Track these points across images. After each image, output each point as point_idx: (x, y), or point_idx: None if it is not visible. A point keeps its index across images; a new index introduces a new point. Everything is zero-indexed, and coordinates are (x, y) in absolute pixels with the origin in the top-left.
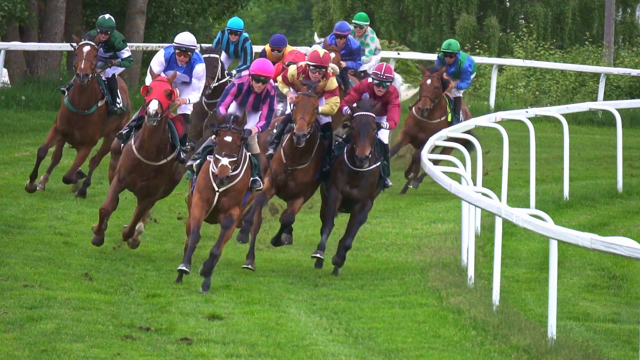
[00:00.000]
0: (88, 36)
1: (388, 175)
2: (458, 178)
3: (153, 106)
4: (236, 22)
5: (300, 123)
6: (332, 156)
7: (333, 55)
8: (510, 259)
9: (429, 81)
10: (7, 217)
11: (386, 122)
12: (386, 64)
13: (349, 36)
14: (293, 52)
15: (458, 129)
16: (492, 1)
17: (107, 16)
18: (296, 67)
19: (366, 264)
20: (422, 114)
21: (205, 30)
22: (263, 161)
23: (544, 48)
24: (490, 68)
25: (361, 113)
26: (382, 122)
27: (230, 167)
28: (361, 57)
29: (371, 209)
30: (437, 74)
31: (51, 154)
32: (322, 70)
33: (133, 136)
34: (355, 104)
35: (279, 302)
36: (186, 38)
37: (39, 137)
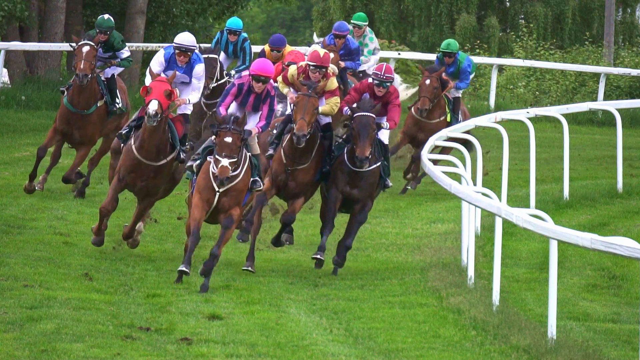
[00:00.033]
0: (87, 36)
1: (388, 175)
2: (458, 178)
3: (153, 106)
4: (235, 22)
5: (300, 123)
6: (332, 156)
7: (332, 55)
8: (510, 259)
9: (428, 81)
10: (7, 217)
11: (386, 123)
12: (386, 64)
13: (348, 36)
14: (293, 52)
15: (458, 129)
16: (492, 1)
17: (106, 16)
18: (296, 67)
19: (366, 264)
20: (421, 114)
21: (205, 30)
22: (263, 162)
23: (544, 48)
24: (490, 68)
25: (361, 114)
26: (383, 123)
27: (230, 168)
28: (360, 58)
29: (371, 209)
30: (436, 74)
31: (50, 154)
32: (323, 70)
33: (133, 136)
34: (355, 105)
35: (279, 302)
36: (186, 38)
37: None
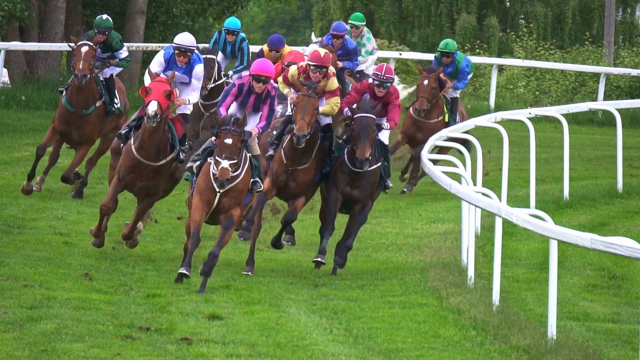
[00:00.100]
0: (86, 36)
1: (389, 176)
2: (458, 178)
3: (152, 107)
4: (233, 22)
5: (300, 124)
6: (333, 157)
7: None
8: (510, 259)
9: (426, 82)
10: (7, 217)
11: (386, 123)
12: (386, 65)
13: (346, 36)
14: (292, 53)
15: (458, 129)
16: (492, 1)
17: (105, 16)
18: (297, 68)
19: (366, 264)
20: (419, 115)
21: (205, 30)
22: (263, 164)
23: (544, 48)
24: (490, 68)
25: (361, 115)
26: (383, 124)
27: (230, 170)
28: (358, 58)
29: (371, 209)
30: (434, 75)
31: (48, 154)
32: (323, 70)
33: (133, 136)
34: (355, 105)
35: (279, 302)
36: (185, 39)
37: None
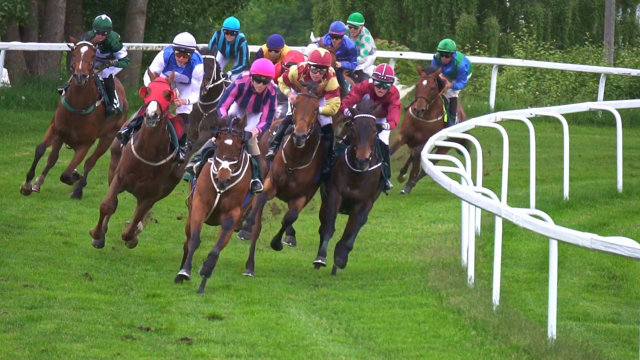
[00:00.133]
0: (85, 36)
1: (389, 176)
2: (458, 178)
3: (152, 108)
4: (232, 22)
5: (300, 124)
6: (333, 157)
7: None
8: (510, 259)
9: (425, 82)
10: (7, 217)
11: (387, 123)
12: (387, 65)
13: (345, 36)
14: (292, 53)
15: (458, 129)
16: (492, 1)
17: (104, 17)
18: (297, 68)
19: (366, 264)
20: (418, 115)
21: (205, 30)
22: (263, 164)
23: (544, 48)
24: (490, 68)
25: (361, 115)
26: (383, 124)
27: (230, 171)
28: (357, 58)
29: (371, 209)
30: (433, 75)
31: (48, 155)
32: (323, 70)
33: (132, 136)
34: (355, 106)
35: (279, 302)
36: (185, 39)
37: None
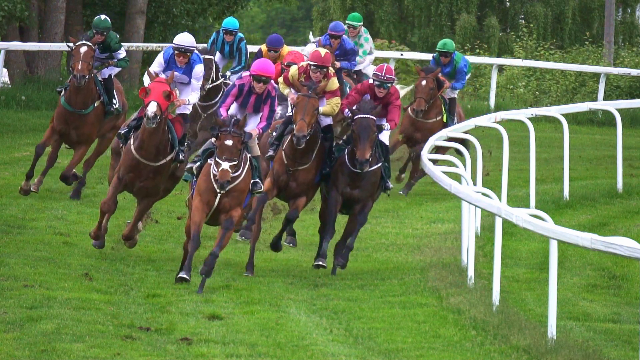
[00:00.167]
0: (85, 37)
1: (389, 177)
2: (458, 178)
3: (152, 108)
4: (231, 22)
5: (300, 124)
6: (333, 158)
7: None
8: (510, 259)
9: (424, 82)
10: (7, 217)
11: (387, 124)
12: (387, 65)
13: (344, 37)
14: (292, 53)
15: (458, 129)
16: (492, 1)
17: (103, 17)
18: (297, 68)
19: (366, 264)
20: (417, 115)
21: (205, 30)
22: (263, 166)
23: (544, 48)
24: (490, 68)
25: (362, 116)
26: (384, 124)
27: (230, 171)
28: (356, 58)
29: (371, 209)
30: (432, 75)
31: (47, 155)
32: (324, 70)
33: (132, 136)
34: (355, 106)
35: (279, 302)
36: (185, 39)
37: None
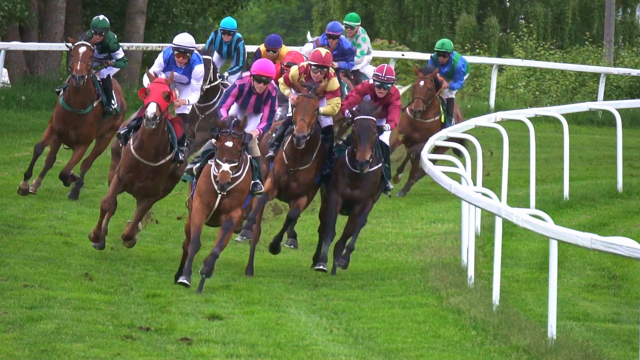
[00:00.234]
0: (83, 37)
1: (389, 178)
2: (458, 178)
3: (151, 109)
4: (229, 22)
5: (300, 124)
6: (333, 159)
7: None
8: (510, 259)
9: (422, 83)
10: (7, 217)
11: (387, 124)
12: (387, 65)
13: (342, 37)
14: (292, 53)
15: (458, 129)
16: (492, 1)
17: (102, 17)
18: (297, 68)
19: (366, 264)
20: (415, 116)
21: (205, 30)
22: (263, 168)
23: (544, 48)
24: (490, 68)
25: (362, 117)
26: (384, 125)
27: (231, 173)
28: (354, 58)
29: (371, 210)
30: (430, 76)
31: (45, 155)
32: (324, 70)
33: (132, 136)
34: (356, 107)
35: (279, 302)
36: (185, 39)
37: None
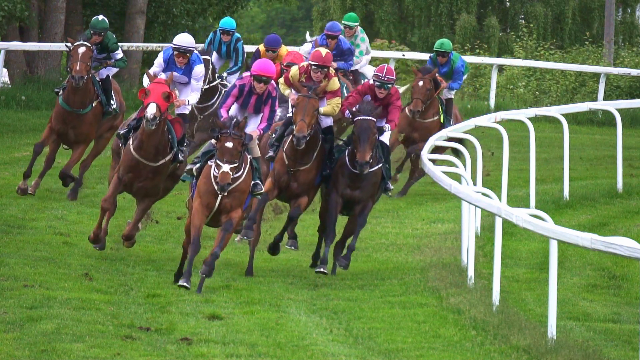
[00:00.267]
0: (83, 37)
1: (389, 178)
2: (458, 178)
3: (151, 110)
4: (228, 22)
5: (300, 125)
6: (333, 159)
7: None
8: (510, 259)
9: (421, 83)
10: (7, 217)
11: (387, 125)
12: (387, 66)
13: (340, 37)
14: (292, 53)
15: (458, 129)
16: (492, 1)
17: (101, 17)
18: (298, 68)
19: (366, 264)
20: (414, 116)
21: (205, 30)
22: (263, 169)
23: (544, 48)
24: (490, 68)
25: (362, 117)
26: (384, 126)
27: (231, 174)
28: (352, 58)
29: (371, 210)
30: (429, 76)
31: (45, 155)
32: (325, 70)
33: (132, 136)
34: (356, 108)
35: (279, 302)
36: (184, 39)
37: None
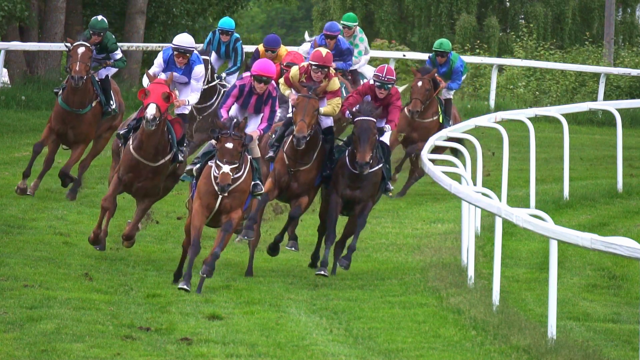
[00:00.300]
0: (82, 37)
1: (389, 178)
2: (458, 178)
3: (151, 111)
4: (227, 22)
5: (300, 125)
6: (333, 160)
7: None
8: (510, 259)
9: (420, 83)
10: (7, 217)
11: (387, 125)
12: (387, 66)
13: (339, 37)
14: (292, 53)
15: (458, 129)
16: (492, 1)
17: (100, 17)
18: (298, 68)
19: (366, 264)
20: (413, 117)
21: (205, 30)
22: (263, 170)
23: (544, 48)
24: (490, 68)
25: (362, 118)
26: (384, 126)
27: (231, 175)
28: (351, 58)
29: (371, 210)
30: (428, 76)
31: (44, 156)
32: (325, 70)
33: (132, 136)
34: (356, 108)
35: (279, 302)
36: (184, 39)
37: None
